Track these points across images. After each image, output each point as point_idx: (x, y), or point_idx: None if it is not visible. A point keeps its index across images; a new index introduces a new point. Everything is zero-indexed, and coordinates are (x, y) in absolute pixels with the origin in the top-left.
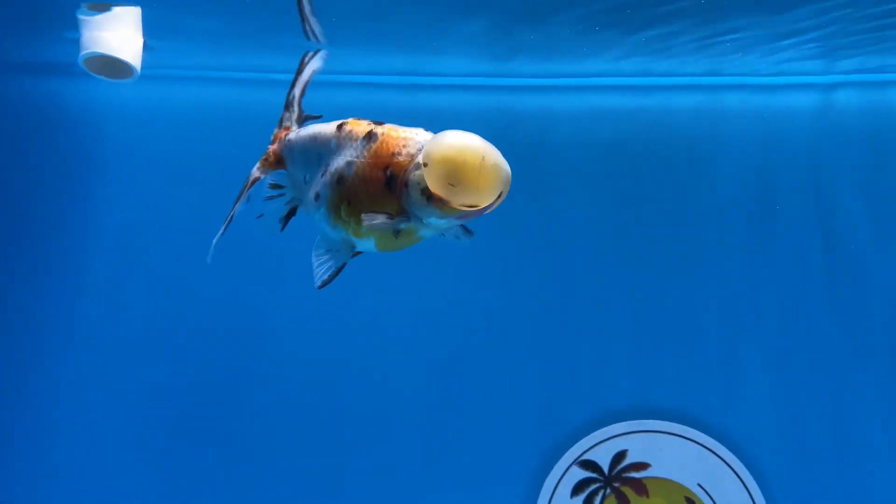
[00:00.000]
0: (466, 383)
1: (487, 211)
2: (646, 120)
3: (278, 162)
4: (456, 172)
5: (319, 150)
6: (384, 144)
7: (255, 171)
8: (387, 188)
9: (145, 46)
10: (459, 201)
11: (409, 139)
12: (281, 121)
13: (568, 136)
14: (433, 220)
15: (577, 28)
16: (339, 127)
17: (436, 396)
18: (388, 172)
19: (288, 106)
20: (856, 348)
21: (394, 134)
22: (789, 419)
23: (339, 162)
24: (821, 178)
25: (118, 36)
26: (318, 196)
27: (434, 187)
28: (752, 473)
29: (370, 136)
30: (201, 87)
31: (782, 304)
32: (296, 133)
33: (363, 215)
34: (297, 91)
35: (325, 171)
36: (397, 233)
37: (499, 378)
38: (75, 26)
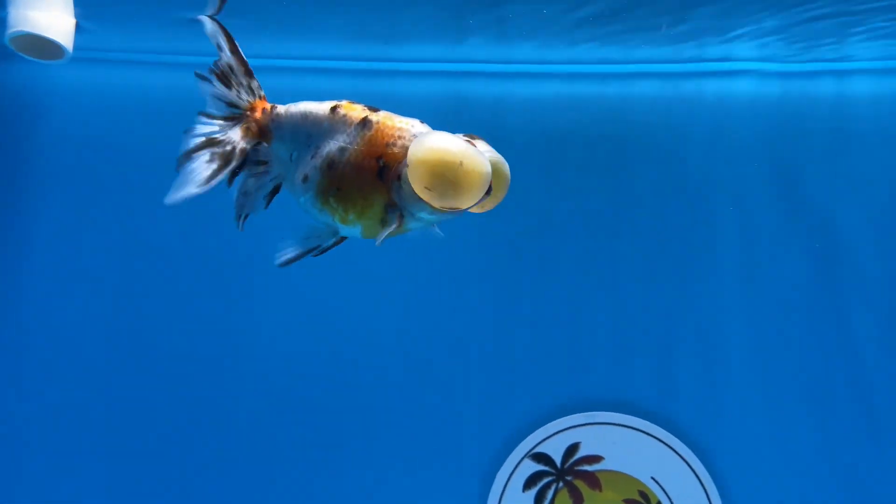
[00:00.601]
0: (418, 376)
1: (482, 209)
2: (603, 108)
3: (262, 134)
4: (432, 176)
5: (310, 130)
6: (379, 133)
7: (241, 141)
8: (378, 178)
9: (77, 27)
10: (440, 204)
11: (405, 130)
12: (252, 88)
13: (522, 124)
14: (423, 215)
15: (532, 12)
16: (333, 109)
17: (388, 389)
18: (381, 162)
19: (252, 74)
20: (819, 342)
21: (389, 123)
22: (745, 412)
23: (331, 146)
24: (787, 169)
25: (47, 14)
26: (306, 178)
27: (416, 190)
28: (706, 467)
29: (365, 122)
30: (136, 70)
31: (741, 295)
32: (286, 108)
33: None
34: (244, 55)
35: (316, 153)
36: (385, 222)
37: (450, 371)
38: (2, 3)
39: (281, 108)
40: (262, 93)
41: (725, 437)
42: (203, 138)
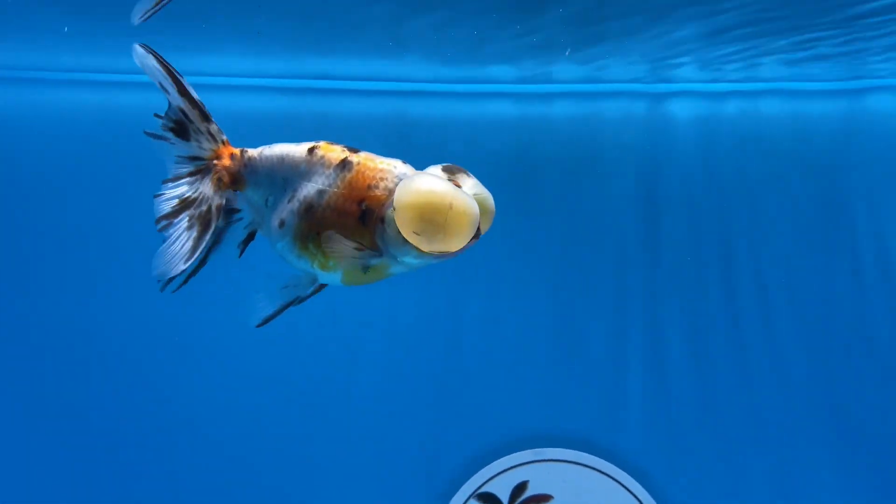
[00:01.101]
0: (361, 413)
1: (463, 251)
2: (546, 128)
3: (234, 182)
4: (421, 222)
5: (287, 174)
6: (360, 175)
7: (215, 197)
8: (360, 222)
9: None
10: (429, 248)
11: (387, 171)
12: (212, 133)
13: (467, 144)
14: (408, 259)
15: (473, 34)
16: (311, 151)
17: (328, 430)
18: (364, 206)
19: (208, 117)
20: (764, 375)
21: (370, 164)
22: (695, 448)
23: (308, 189)
24: (708, 186)
25: None
26: (283, 223)
27: (404, 234)
28: (657, 503)
29: (345, 164)
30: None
31: (687, 326)
32: (259, 151)
33: (325, 234)
34: (195, 95)
35: (293, 196)
36: (366, 268)
37: (390, 407)
38: None
39: (253, 152)
40: (224, 136)
41: (677, 472)
42: (176, 201)
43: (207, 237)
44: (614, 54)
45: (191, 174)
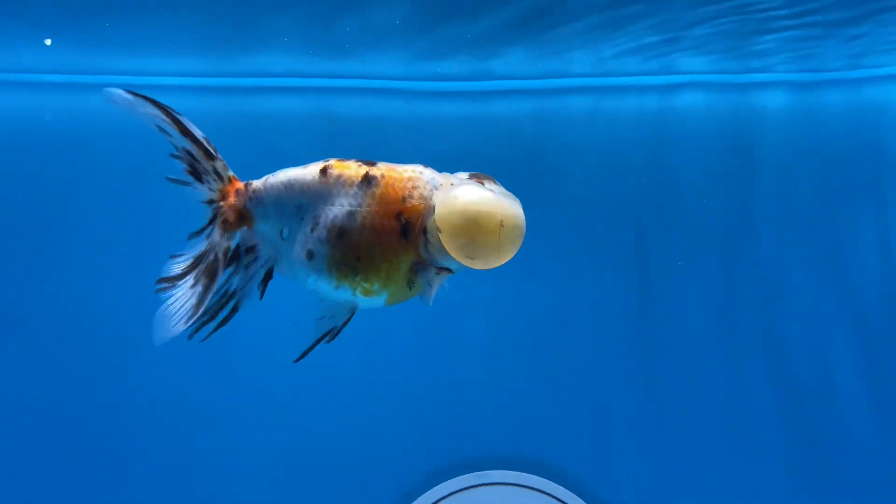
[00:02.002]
0: (297, 440)
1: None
2: (486, 126)
3: (241, 219)
4: (475, 244)
5: (299, 201)
6: (389, 188)
7: (222, 241)
8: (402, 237)
9: None
10: (481, 265)
11: (416, 178)
12: (218, 171)
13: (403, 145)
14: (453, 266)
15: (407, 27)
16: (324, 172)
17: (263, 454)
18: (403, 219)
19: (212, 154)
20: (713, 389)
21: (396, 175)
22: (648, 465)
23: (334, 213)
24: (676, 183)
25: None
26: (311, 254)
27: (454, 255)
28: None
29: (369, 179)
30: None
31: (636, 342)
32: (263, 182)
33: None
34: (198, 133)
35: (316, 224)
36: (412, 283)
37: (331, 430)
38: None
39: (257, 184)
40: (230, 172)
41: (624, 492)
42: (190, 261)
43: (214, 289)
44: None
45: (210, 222)
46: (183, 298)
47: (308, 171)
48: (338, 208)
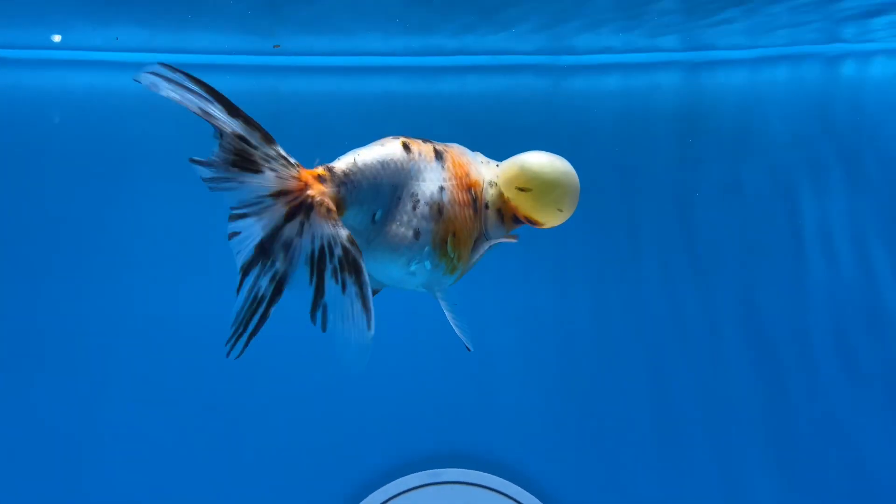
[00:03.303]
0: (242, 434)
1: None
2: (437, 105)
3: (338, 209)
4: (567, 194)
5: (395, 180)
6: (455, 163)
7: (337, 230)
8: (474, 211)
9: None
10: (566, 215)
11: (464, 154)
12: (284, 156)
13: (352, 124)
14: (494, 238)
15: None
16: (407, 147)
17: (208, 447)
18: (473, 193)
19: (271, 137)
20: (673, 391)
21: (450, 150)
22: (602, 464)
23: (429, 189)
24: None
25: None
26: (417, 233)
27: (545, 211)
28: None
29: (439, 154)
30: None
31: (593, 334)
32: (350, 165)
33: (474, 249)
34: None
35: (417, 201)
36: (470, 257)
37: (280, 424)
38: None
39: (347, 167)
40: (293, 158)
41: (581, 490)
42: (306, 268)
43: (366, 280)
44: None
45: (288, 218)
46: (347, 311)
47: (392, 149)
48: (430, 184)
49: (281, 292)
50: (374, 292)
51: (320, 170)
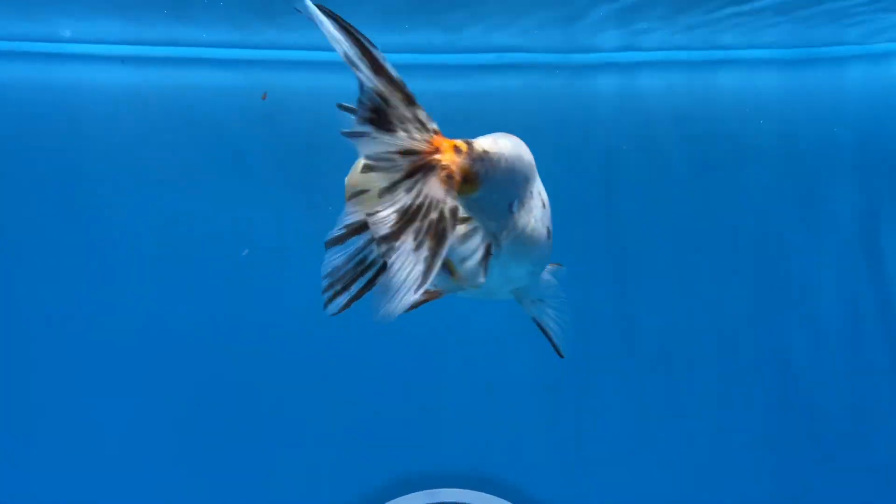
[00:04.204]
0: (236, 457)
1: None
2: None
3: (465, 181)
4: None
5: (526, 173)
6: None
7: (446, 198)
8: None
9: None
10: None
11: None
12: (422, 120)
13: (343, 118)
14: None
15: None
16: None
17: (209, 469)
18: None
19: (413, 100)
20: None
21: None
22: (605, 484)
23: (540, 185)
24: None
25: None
26: (549, 233)
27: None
28: None
29: None
30: None
31: (599, 352)
32: (495, 143)
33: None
34: (395, 73)
35: (543, 200)
36: None
37: (280, 441)
38: None
39: (486, 145)
40: (435, 125)
41: None
42: (395, 216)
43: (443, 252)
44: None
45: (407, 175)
46: (408, 265)
47: (522, 142)
48: (537, 179)
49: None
50: (434, 294)
51: (459, 141)
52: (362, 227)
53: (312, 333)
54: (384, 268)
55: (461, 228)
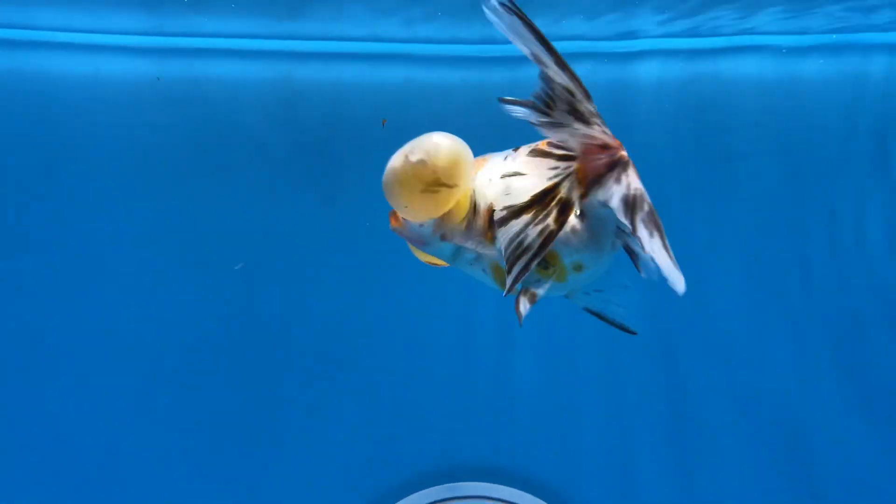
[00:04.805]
0: (253, 452)
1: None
2: (461, 94)
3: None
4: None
5: None
6: None
7: (573, 194)
8: None
9: None
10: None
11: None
12: (587, 119)
13: (363, 111)
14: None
15: None
16: None
17: (225, 463)
18: None
19: (589, 94)
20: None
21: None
22: (630, 479)
23: None
24: None
25: None
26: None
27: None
28: None
29: None
30: None
31: (624, 343)
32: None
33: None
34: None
35: None
36: None
37: (295, 439)
38: None
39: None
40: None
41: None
42: (624, 206)
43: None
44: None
45: (608, 169)
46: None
47: None
48: None
49: (545, 248)
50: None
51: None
52: (521, 211)
53: (328, 327)
54: (541, 251)
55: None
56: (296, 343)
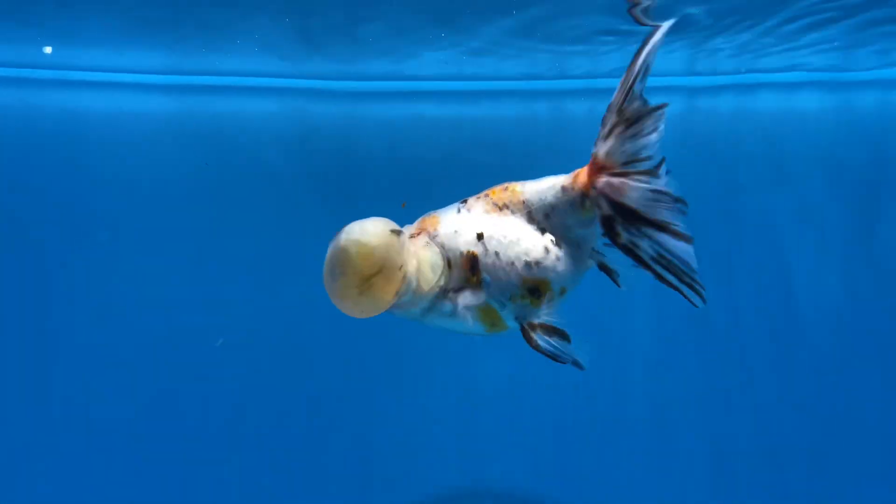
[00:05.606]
0: (257, 467)
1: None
2: (470, 128)
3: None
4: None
5: None
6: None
7: None
8: None
9: None
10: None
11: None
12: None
13: (378, 146)
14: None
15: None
16: None
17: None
18: None
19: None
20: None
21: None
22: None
23: None
24: None
25: None
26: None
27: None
28: None
29: None
30: None
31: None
32: None
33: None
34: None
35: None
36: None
37: (307, 458)
38: None
39: None
40: None
41: None
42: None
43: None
44: None
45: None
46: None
47: None
48: None
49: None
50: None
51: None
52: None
53: (344, 350)
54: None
55: None
56: (308, 367)
